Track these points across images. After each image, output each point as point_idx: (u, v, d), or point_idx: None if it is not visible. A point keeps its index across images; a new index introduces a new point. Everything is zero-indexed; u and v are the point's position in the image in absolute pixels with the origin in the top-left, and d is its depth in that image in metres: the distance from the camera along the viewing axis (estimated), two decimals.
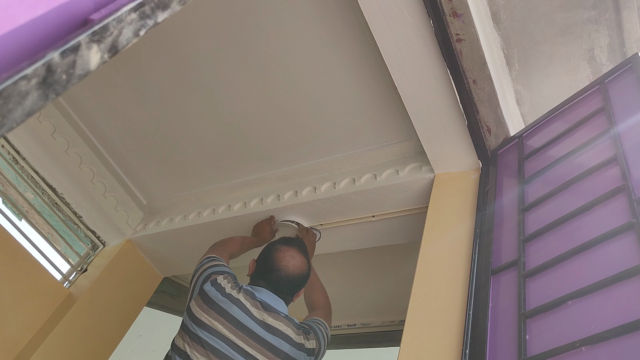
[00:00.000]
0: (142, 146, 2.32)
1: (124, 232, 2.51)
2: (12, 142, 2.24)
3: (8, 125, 0.38)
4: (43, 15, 0.45)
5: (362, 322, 3.10)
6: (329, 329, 1.73)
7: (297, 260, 1.68)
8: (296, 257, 1.68)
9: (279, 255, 1.68)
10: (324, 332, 1.69)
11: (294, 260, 1.67)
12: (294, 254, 1.69)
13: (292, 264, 1.66)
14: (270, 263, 1.67)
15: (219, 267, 1.69)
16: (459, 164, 1.77)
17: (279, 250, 1.69)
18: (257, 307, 1.56)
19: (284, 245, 1.72)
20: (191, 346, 1.53)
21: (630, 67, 1.44)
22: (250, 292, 1.60)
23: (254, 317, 1.54)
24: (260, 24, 1.76)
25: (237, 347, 1.51)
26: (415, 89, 1.60)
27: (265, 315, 1.55)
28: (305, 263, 1.71)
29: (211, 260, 1.75)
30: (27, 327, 2.09)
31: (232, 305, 1.55)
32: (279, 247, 1.71)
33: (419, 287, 1.43)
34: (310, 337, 1.60)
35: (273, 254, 1.69)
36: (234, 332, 1.52)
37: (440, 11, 1.41)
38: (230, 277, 1.65)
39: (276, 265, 1.65)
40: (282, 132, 2.05)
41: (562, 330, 1.03)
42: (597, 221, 1.17)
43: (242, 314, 1.54)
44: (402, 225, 2.04)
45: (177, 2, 0.55)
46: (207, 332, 1.52)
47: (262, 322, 1.54)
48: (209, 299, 1.57)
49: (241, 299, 1.56)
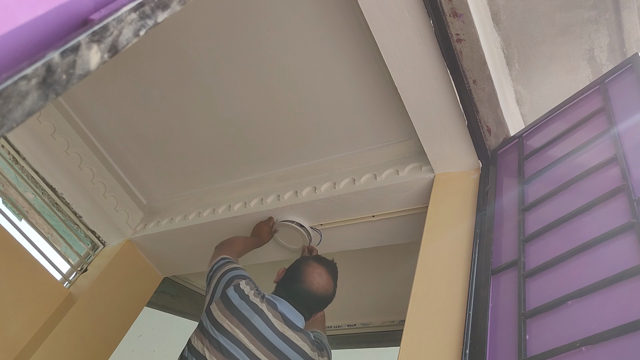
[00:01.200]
0: (142, 146, 2.32)
1: (124, 232, 2.51)
2: (12, 142, 2.24)
3: (8, 125, 0.38)
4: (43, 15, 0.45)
5: (362, 322, 3.10)
6: None
7: (324, 279, 1.67)
8: (323, 276, 1.67)
9: (308, 269, 1.68)
10: (329, 347, 1.72)
11: (320, 278, 1.66)
12: (322, 272, 1.68)
13: (318, 281, 1.65)
14: (297, 275, 1.67)
15: (239, 271, 1.70)
16: (459, 164, 1.77)
17: (308, 265, 1.69)
18: (278, 318, 1.57)
19: (316, 262, 1.72)
20: (210, 351, 1.53)
21: (630, 67, 1.44)
22: (273, 303, 1.60)
23: (275, 329, 1.55)
24: (260, 24, 1.76)
25: (254, 357, 1.52)
26: (415, 89, 1.60)
27: (286, 327, 1.56)
28: (331, 286, 1.69)
29: (228, 261, 1.75)
30: (27, 327, 2.09)
31: (255, 315, 1.55)
32: (309, 262, 1.71)
33: (419, 287, 1.43)
34: (323, 354, 1.63)
35: (302, 267, 1.69)
36: (253, 341, 1.53)
37: (440, 11, 1.41)
38: (251, 283, 1.66)
39: (302, 278, 1.66)
40: (282, 132, 2.05)
41: (562, 330, 1.03)
42: (597, 221, 1.17)
43: (264, 325, 1.55)
44: (402, 225, 2.04)
45: (177, 2, 0.55)
46: (227, 338, 1.53)
47: (282, 335, 1.55)
48: (232, 305, 1.57)
49: (264, 309, 1.57)
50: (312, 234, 2.18)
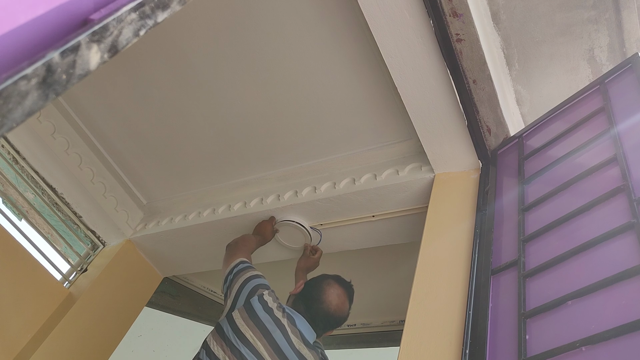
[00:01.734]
0: (142, 146, 2.32)
1: (124, 232, 2.51)
2: (12, 142, 2.24)
3: (8, 125, 0.38)
4: (43, 15, 0.45)
5: (362, 322, 3.10)
6: None
7: (342, 300, 1.72)
8: (342, 297, 1.72)
9: (328, 289, 1.71)
10: None
11: (339, 299, 1.71)
12: (340, 293, 1.73)
13: (336, 302, 1.70)
14: (317, 293, 1.71)
15: (261, 279, 1.72)
16: (459, 164, 1.77)
17: (330, 285, 1.73)
18: (297, 335, 1.60)
19: (336, 282, 1.76)
20: (228, 356, 1.55)
21: (630, 67, 1.44)
22: (292, 319, 1.63)
23: (293, 346, 1.58)
24: (260, 24, 1.76)
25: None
26: (415, 89, 1.60)
27: (302, 346, 1.60)
28: (347, 308, 1.75)
29: (249, 266, 1.77)
30: (27, 327, 2.09)
31: (277, 329, 1.58)
32: (330, 282, 1.75)
33: (419, 287, 1.43)
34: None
35: (323, 286, 1.73)
36: (272, 355, 1.55)
37: (440, 11, 1.41)
38: (273, 294, 1.68)
39: (321, 297, 1.69)
40: (282, 132, 2.05)
41: (562, 330, 1.03)
42: (597, 221, 1.17)
43: (284, 341, 1.57)
44: (402, 225, 2.04)
45: (177, 2, 0.55)
46: (249, 349, 1.55)
47: (298, 352, 1.58)
48: (256, 316, 1.59)
49: (285, 324, 1.60)
50: (312, 233, 2.18)
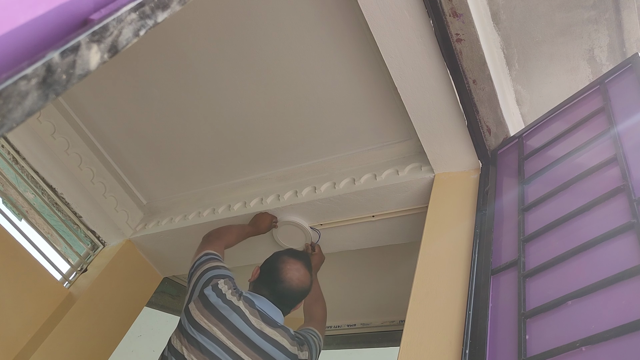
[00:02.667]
0: (142, 146, 2.32)
1: (123, 232, 2.51)
2: (12, 142, 2.24)
3: (8, 125, 0.39)
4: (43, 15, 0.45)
5: (362, 322, 3.10)
6: (322, 341, 1.77)
7: (302, 274, 1.70)
8: (301, 271, 1.70)
9: (286, 267, 1.69)
10: (317, 343, 1.72)
11: (298, 274, 1.69)
12: (299, 267, 1.71)
13: (297, 277, 1.68)
14: (276, 274, 1.69)
15: (219, 270, 1.70)
16: (459, 164, 1.77)
17: (285, 262, 1.71)
18: (256, 315, 1.58)
19: (291, 257, 1.74)
20: (189, 349, 1.54)
21: (630, 67, 1.44)
22: (250, 301, 1.62)
23: (252, 326, 1.56)
24: (260, 24, 1.76)
25: (233, 354, 1.53)
26: (415, 89, 1.60)
27: (263, 324, 1.58)
28: (308, 278, 1.73)
29: (210, 259, 1.75)
30: (27, 327, 2.09)
31: (232, 312, 1.56)
32: (285, 259, 1.73)
33: (419, 287, 1.43)
34: (304, 348, 1.63)
35: (279, 265, 1.71)
36: (231, 338, 1.54)
37: (440, 11, 1.41)
38: (230, 281, 1.66)
39: (281, 277, 1.67)
40: (282, 132, 2.05)
41: (562, 330, 1.03)
42: (597, 221, 1.17)
43: (241, 322, 1.56)
44: (402, 225, 2.04)
45: (177, 2, 0.55)
46: (205, 336, 1.54)
47: (260, 331, 1.56)
48: (210, 304, 1.58)
49: (241, 306, 1.58)
50: (312, 233, 2.18)
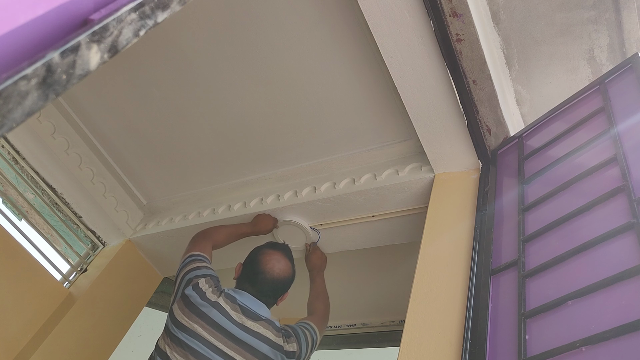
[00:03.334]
0: (142, 146, 2.32)
1: (123, 232, 2.51)
2: (12, 142, 2.24)
3: (8, 125, 0.39)
4: (43, 15, 0.45)
5: (362, 322, 3.10)
6: (318, 334, 1.77)
7: (282, 264, 1.72)
8: (281, 261, 1.72)
9: (265, 258, 1.72)
10: (312, 335, 1.72)
11: (279, 264, 1.71)
12: (279, 257, 1.73)
13: (277, 267, 1.70)
14: (256, 266, 1.71)
15: (200, 270, 1.71)
16: (459, 164, 1.77)
17: (264, 254, 1.73)
18: (237, 310, 1.60)
19: (270, 249, 1.76)
20: (171, 347, 1.57)
21: (630, 67, 1.44)
22: (232, 297, 1.63)
23: (233, 320, 1.58)
24: (260, 24, 1.76)
25: (215, 349, 1.54)
26: (415, 89, 1.60)
27: (244, 318, 1.59)
28: (290, 267, 1.75)
29: (193, 260, 1.77)
30: (27, 327, 2.09)
31: (212, 309, 1.58)
32: (264, 251, 1.75)
33: (419, 287, 1.43)
34: (290, 340, 1.63)
35: (258, 257, 1.73)
36: (213, 334, 1.55)
37: (440, 11, 1.41)
38: (212, 280, 1.67)
39: (261, 268, 1.69)
40: (282, 132, 2.05)
41: (562, 330, 1.03)
42: (597, 221, 1.17)
43: (222, 317, 1.57)
44: (402, 225, 2.04)
45: (177, 2, 0.55)
46: (187, 334, 1.56)
47: (241, 325, 1.57)
48: (190, 303, 1.60)
49: (221, 302, 1.59)
50: (312, 233, 2.18)
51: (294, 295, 1.91)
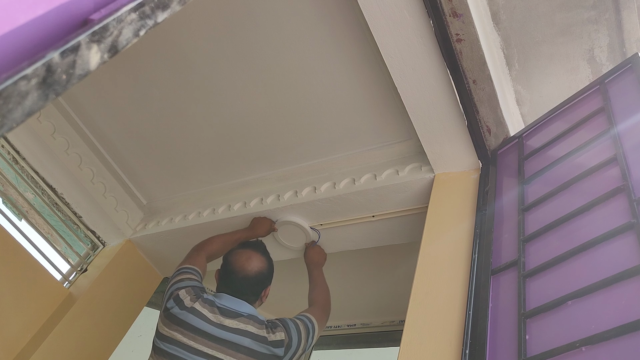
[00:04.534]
0: (142, 146, 2.32)
1: (124, 232, 2.51)
2: (12, 142, 2.24)
3: (8, 125, 0.39)
4: (43, 15, 0.45)
5: (362, 322, 3.10)
6: (315, 324, 1.75)
7: (253, 261, 1.74)
8: (252, 258, 1.75)
9: (234, 258, 1.76)
10: (306, 325, 1.71)
11: (249, 261, 1.73)
12: (249, 255, 1.76)
13: (248, 264, 1.73)
14: (228, 268, 1.75)
15: (183, 282, 1.74)
16: (459, 164, 1.77)
17: (234, 254, 1.77)
18: (215, 312, 1.63)
19: (240, 248, 1.80)
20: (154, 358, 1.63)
21: (630, 67, 1.44)
22: (210, 300, 1.66)
23: (211, 322, 1.60)
24: (260, 24, 1.76)
25: (196, 351, 1.57)
26: (415, 89, 1.60)
27: (222, 318, 1.61)
28: (262, 262, 1.77)
29: (180, 273, 1.80)
30: (27, 327, 2.09)
31: (189, 315, 1.62)
32: (234, 252, 1.79)
33: (419, 287, 1.43)
34: (276, 331, 1.63)
35: (229, 259, 1.77)
36: (193, 338, 1.58)
37: (440, 11, 1.41)
38: (192, 290, 1.69)
39: (232, 268, 1.73)
40: (282, 132, 2.05)
41: (562, 330, 1.03)
42: (597, 221, 1.17)
43: (199, 321, 1.60)
44: (402, 225, 2.04)
45: (177, 2, 0.55)
46: (168, 343, 1.60)
47: (219, 325, 1.60)
48: (171, 315, 1.64)
49: (197, 307, 1.63)
50: (312, 233, 2.18)
51: (296, 295, 1.91)
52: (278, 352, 1.60)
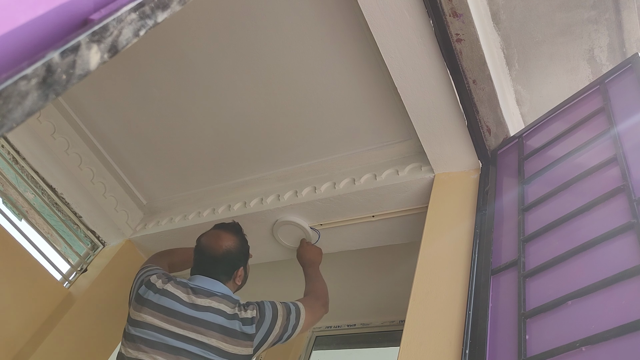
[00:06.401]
0: (142, 146, 2.32)
1: (123, 232, 2.51)
2: (12, 142, 2.24)
3: (8, 125, 0.39)
4: (43, 15, 0.45)
5: (362, 322, 3.10)
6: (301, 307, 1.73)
7: (222, 239, 1.74)
8: (220, 236, 1.75)
9: (202, 239, 1.77)
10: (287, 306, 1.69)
11: (216, 240, 1.73)
12: (219, 234, 1.76)
13: (216, 243, 1.73)
14: (197, 248, 1.76)
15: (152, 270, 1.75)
16: (459, 164, 1.77)
17: (205, 235, 1.78)
18: (187, 292, 1.62)
19: (211, 230, 1.81)
20: (126, 345, 1.59)
21: (630, 67, 1.44)
22: (183, 282, 1.66)
23: (183, 302, 1.59)
24: (260, 24, 1.76)
25: (167, 332, 1.55)
26: (415, 89, 1.60)
27: (194, 297, 1.60)
28: (233, 241, 1.76)
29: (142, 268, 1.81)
30: (26, 327, 2.09)
31: (161, 297, 1.60)
32: (204, 233, 1.80)
33: (419, 287, 1.43)
34: (248, 309, 1.62)
35: (200, 239, 1.78)
36: (164, 319, 1.57)
37: (440, 11, 1.41)
38: (163, 275, 1.70)
39: (200, 248, 1.75)
40: (282, 132, 2.05)
41: (562, 330, 1.03)
42: (597, 221, 1.17)
43: (171, 302, 1.59)
44: (402, 225, 2.04)
45: (177, 2, 0.55)
46: (139, 327, 1.58)
47: (192, 304, 1.59)
48: (143, 299, 1.62)
49: (169, 288, 1.62)
50: (311, 233, 2.18)
51: (296, 295, 1.91)
52: (248, 329, 1.57)
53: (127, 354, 1.57)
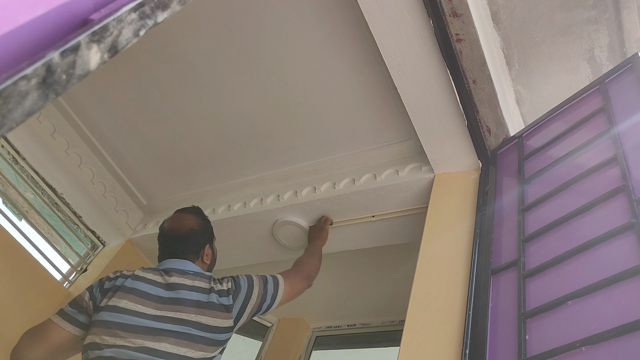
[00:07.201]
0: (142, 146, 2.32)
1: (123, 232, 2.51)
2: (12, 142, 2.24)
3: (8, 125, 0.39)
4: (43, 15, 0.45)
5: (362, 322, 3.10)
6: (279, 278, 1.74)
7: (183, 220, 1.75)
8: (181, 218, 1.76)
9: (165, 224, 1.78)
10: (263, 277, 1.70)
11: (179, 221, 1.75)
12: (179, 216, 1.78)
13: (177, 223, 1.74)
14: (161, 232, 1.77)
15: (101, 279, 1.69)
16: (459, 164, 1.77)
17: (166, 220, 1.79)
18: (160, 274, 1.60)
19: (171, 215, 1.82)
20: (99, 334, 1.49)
21: (630, 67, 1.44)
22: (151, 268, 1.64)
23: (158, 284, 1.58)
24: (260, 24, 1.76)
25: (144, 315, 1.51)
26: (415, 89, 1.60)
27: (167, 277, 1.59)
28: (194, 220, 1.76)
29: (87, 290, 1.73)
30: (26, 327, 2.08)
31: (134, 281, 1.57)
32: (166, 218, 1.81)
33: (419, 287, 1.43)
34: (224, 282, 1.63)
35: (162, 225, 1.79)
36: (140, 302, 1.53)
37: (440, 11, 1.41)
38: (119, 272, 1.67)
39: (164, 232, 1.76)
40: (282, 132, 2.05)
41: (562, 330, 1.03)
42: (597, 221, 1.17)
43: (147, 285, 1.57)
44: (402, 225, 2.04)
45: (177, 2, 0.55)
46: (114, 312, 1.50)
47: (166, 284, 1.58)
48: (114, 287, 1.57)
49: (139, 274, 1.60)
50: None
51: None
52: (224, 300, 1.57)
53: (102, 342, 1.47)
